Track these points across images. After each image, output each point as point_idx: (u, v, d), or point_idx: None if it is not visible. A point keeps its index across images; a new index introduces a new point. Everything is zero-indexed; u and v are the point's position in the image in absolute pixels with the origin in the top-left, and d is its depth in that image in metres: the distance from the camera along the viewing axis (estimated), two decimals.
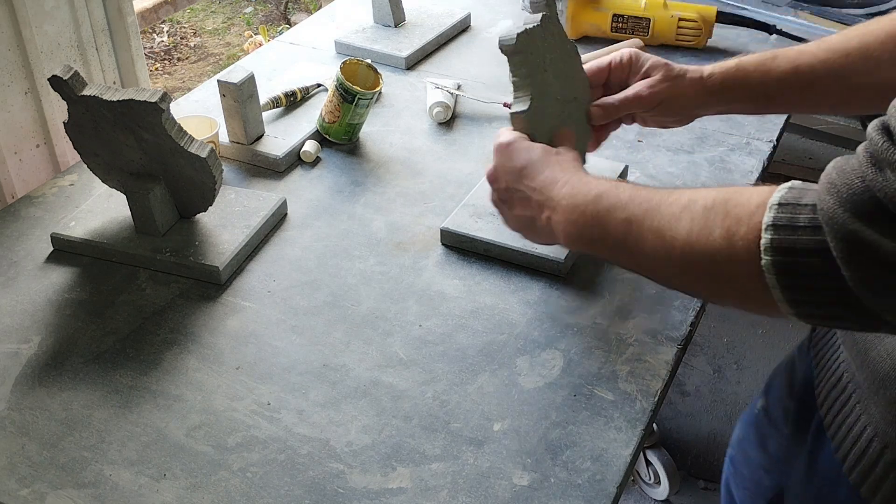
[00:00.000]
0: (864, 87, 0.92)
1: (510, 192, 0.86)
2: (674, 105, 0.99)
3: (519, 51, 0.87)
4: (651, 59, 0.99)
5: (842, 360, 0.82)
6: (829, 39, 0.96)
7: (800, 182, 0.64)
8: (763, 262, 0.63)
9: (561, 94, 0.94)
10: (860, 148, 0.60)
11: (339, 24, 1.47)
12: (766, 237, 0.62)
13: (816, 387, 0.86)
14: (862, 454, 0.76)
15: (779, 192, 0.64)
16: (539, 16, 0.91)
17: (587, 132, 1.00)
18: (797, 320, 0.65)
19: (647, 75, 0.99)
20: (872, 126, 0.58)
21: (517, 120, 0.89)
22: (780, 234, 0.62)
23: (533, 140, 0.90)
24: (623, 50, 1.01)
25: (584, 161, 0.99)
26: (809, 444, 0.86)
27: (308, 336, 0.87)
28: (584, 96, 0.99)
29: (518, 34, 0.87)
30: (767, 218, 0.63)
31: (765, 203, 0.64)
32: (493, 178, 0.88)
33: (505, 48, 0.88)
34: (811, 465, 0.86)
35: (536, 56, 0.90)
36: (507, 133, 0.89)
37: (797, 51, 0.97)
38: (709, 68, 0.99)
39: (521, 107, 0.88)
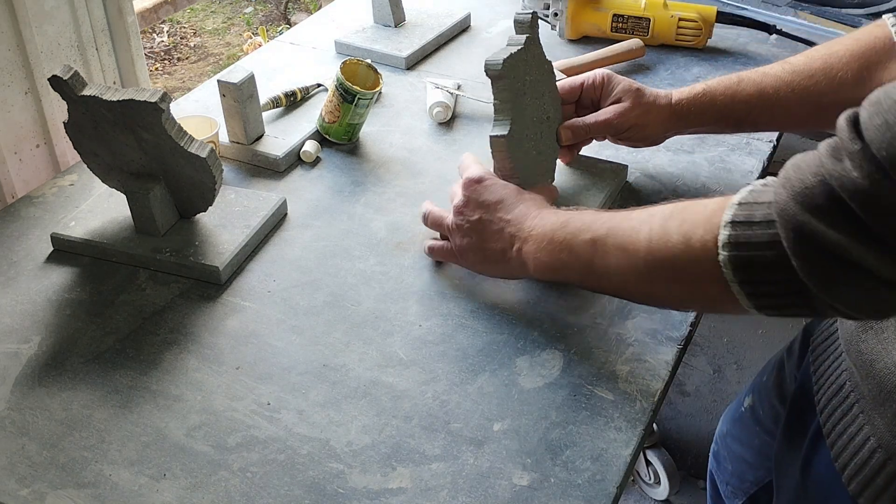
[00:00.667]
0: (830, 106, 0.94)
1: (483, 224, 0.88)
2: (643, 130, 1.02)
3: (503, 76, 0.90)
4: (622, 83, 1.02)
5: (844, 369, 0.81)
6: (793, 60, 0.99)
7: (761, 182, 0.67)
8: (721, 257, 0.65)
9: (536, 114, 0.96)
10: (822, 143, 0.62)
11: (339, 24, 1.47)
12: (723, 234, 0.65)
13: (816, 393, 0.86)
14: (863, 464, 0.76)
15: (740, 193, 0.67)
16: (523, 38, 0.93)
17: (557, 150, 1.03)
18: (757, 313, 0.67)
19: (617, 100, 1.01)
20: (843, 117, 0.60)
21: (496, 143, 0.91)
22: (737, 230, 0.65)
23: (509, 161, 0.92)
24: (597, 71, 1.04)
25: (552, 178, 1.01)
26: (805, 449, 0.86)
27: (308, 336, 0.87)
28: (556, 114, 1.02)
29: (504, 60, 0.90)
30: (727, 216, 0.66)
31: (720, 208, 0.67)
32: (462, 210, 0.90)
33: (490, 72, 0.90)
34: (806, 470, 0.86)
35: (518, 80, 0.92)
36: (475, 167, 0.92)
37: (761, 73, 0.99)
38: (677, 94, 1.01)
39: (500, 131, 0.91)
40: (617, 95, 1.01)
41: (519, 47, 0.92)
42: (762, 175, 1.11)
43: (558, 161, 1.04)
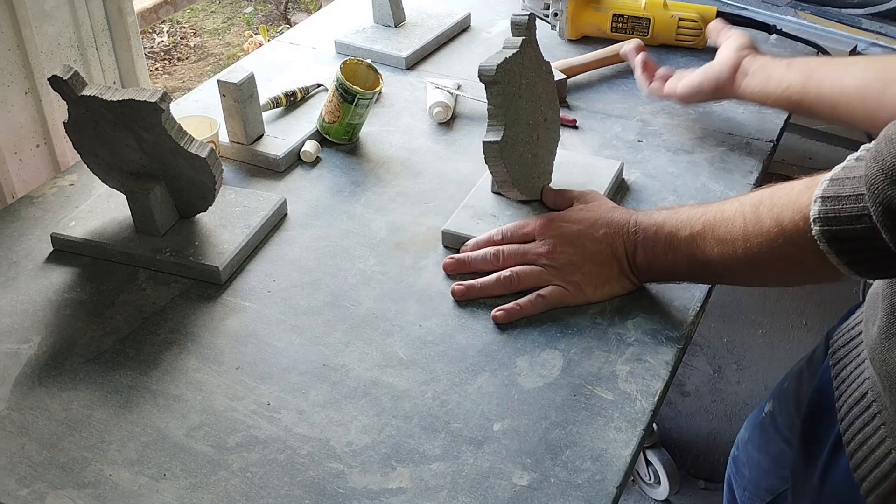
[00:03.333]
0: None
1: (581, 255, 0.88)
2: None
3: (498, 81, 0.90)
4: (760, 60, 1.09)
5: (867, 377, 0.80)
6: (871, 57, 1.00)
7: (854, 156, 0.68)
8: (814, 231, 0.67)
9: (532, 117, 0.96)
10: None
11: (339, 24, 1.47)
12: (814, 209, 0.67)
13: (837, 399, 0.84)
14: (884, 477, 0.75)
15: (833, 169, 0.68)
16: (519, 41, 0.93)
17: (553, 152, 1.02)
18: (861, 278, 0.69)
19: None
20: None
21: (489, 149, 0.91)
22: (826, 205, 0.67)
23: (503, 166, 0.91)
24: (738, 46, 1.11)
25: (549, 179, 1.01)
26: (825, 457, 0.85)
27: (308, 336, 0.87)
28: (554, 115, 1.01)
29: (498, 65, 0.90)
30: (817, 191, 0.68)
31: (807, 187, 0.69)
32: (551, 253, 0.89)
33: (484, 78, 0.90)
34: (824, 478, 0.84)
35: (513, 84, 0.92)
36: (527, 220, 0.93)
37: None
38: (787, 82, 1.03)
39: (493, 136, 0.91)
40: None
41: (514, 51, 0.92)
42: (761, 174, 1.11)
43: (556, 161, 1.04)
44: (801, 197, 0.70)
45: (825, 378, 0.89)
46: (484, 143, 0.91)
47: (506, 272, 0.89)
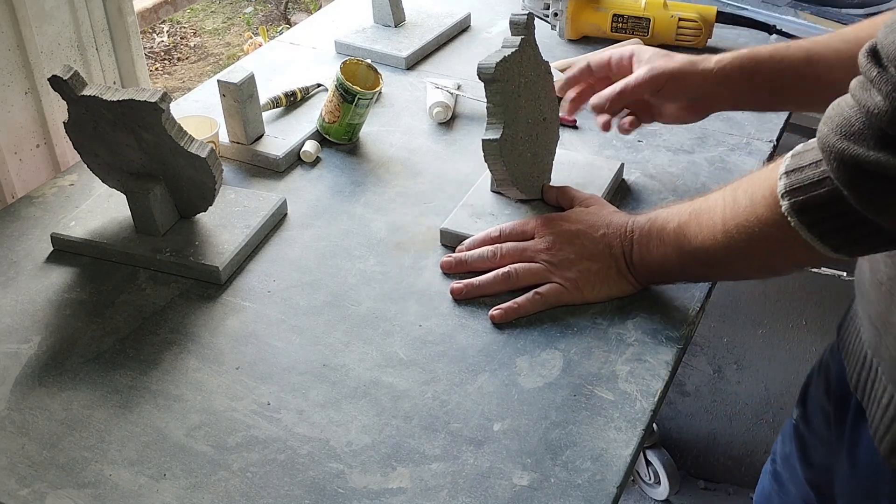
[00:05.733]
0: None
1: (581, 253, 0.88)
2: (680, 86, 0.97)
3: (496, 79, 0.91)
4: (653, 50, 1.00)
5: (864, 338, 0.82)
6: (844, 30, 0.95)
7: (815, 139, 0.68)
8: (783, 206, 0.68)
9: (531, 116, 0.96)
10: (853, 80, 0.63)
11: (339, 24, 1.47)
12: (780, 184, 0.69)
13: (847, 373, 0.86)
14: (891, 423, 0.76)
15: (795, 147, 0.69)
16: (518, 40, 0.93)
17: (553, 151, 1.02)
18: (836, 254, 0.69)
19: (649, 63, 0.99)
20: (861, 52, 0.62)
21: (488, 147, 0.92)
22: (791, 177, 0.68)
23: (503, 164, 0.91)
24: (625, 48, 1.02)
25: (549, 178, 1.01)
26: (847, 435, 0.85)
27: (308, 336, 0.87)
28: (553, 115, 1.01)
29: (496, 63, 0.90)
30: (782, 168, 0.69)
31: (777, 166, 0.70)
32: (550, 249, 0.89)
33: (483, 76, 0.90)
34: (852, 456, 0.85)
35: (512, 83, 0.92)
36: (526, 220, 0.93)
37: (811, 41, 0.96)
38: (717, 56, 0.97)
39: (493, 135, 0.92)
40: (649, 59, 0.98)
41: (513, 50, 0.92)
42: None
43: (556, 161, 1.04)
44: (772, 174, 0.71)
45: (840, 366, 0.89)
46: (483, 140, 0.92)
47: (504, 269, 0.89)
